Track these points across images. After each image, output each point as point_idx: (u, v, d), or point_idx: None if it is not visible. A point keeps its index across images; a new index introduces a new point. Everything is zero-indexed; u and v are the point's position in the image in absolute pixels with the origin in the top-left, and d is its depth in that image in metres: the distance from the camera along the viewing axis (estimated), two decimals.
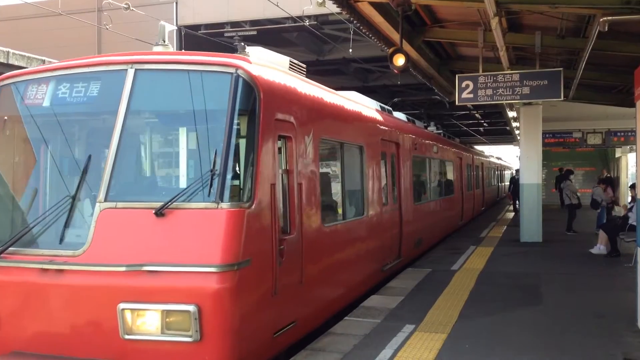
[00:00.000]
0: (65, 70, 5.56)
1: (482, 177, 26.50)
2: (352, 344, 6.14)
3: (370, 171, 8.96)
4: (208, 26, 17.96)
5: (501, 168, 41.64)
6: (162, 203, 4.86)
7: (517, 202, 22.17)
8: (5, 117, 5.75)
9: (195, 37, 18.05)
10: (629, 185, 19.51)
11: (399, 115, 12.75)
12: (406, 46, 10.29)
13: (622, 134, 23.77)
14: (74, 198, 5.21)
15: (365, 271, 8.73)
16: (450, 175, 17.51)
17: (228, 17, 15.92)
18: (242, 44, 6.08)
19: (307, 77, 7.75)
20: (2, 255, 5.08)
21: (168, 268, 4.75)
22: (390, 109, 11.87)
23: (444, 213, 15.95)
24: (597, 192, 15.63)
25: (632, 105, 7.65)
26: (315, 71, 17.73)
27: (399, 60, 9.06)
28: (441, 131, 19.28)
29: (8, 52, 12.87)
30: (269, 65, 6.08)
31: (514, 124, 23.62)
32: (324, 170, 7.99)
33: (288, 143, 6.06)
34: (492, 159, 35.31)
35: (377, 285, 9.23)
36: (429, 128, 17.39)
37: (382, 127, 9.93)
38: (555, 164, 26.34)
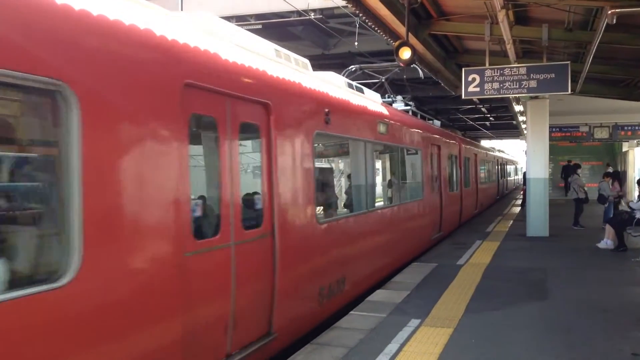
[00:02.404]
0: None
1: (475, 173, 21.76)
2: (357, 339, 6.13)
3: (134, 159, 3.89)
4: None
5: (503, 162, 35.97)
6: None
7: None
8: None
9: None
10: (636, 180, 19.42)
11: (332, 77, 8.58)
12: (412, 39, 10.27)
13: (630, 128, 23.68)
14: None
15: None
16: (417, 170, 12.52)
17: (233, 10, 15.87)
18: None
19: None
20: None
21: None
22: (308, 61, 7.56)
23: (402, 227, 10.80)
24: (603, 187, 15.55)
25: None
26: (320, 65, 17.69)
27: (405, 54, 9.05)
28: (410, 108, 13.96)
29: None
30: None
31: (521, 118, 23.51)
32: None
33: None
34: (490, 152, 30.51)
35: None
36: (395, 104, 13.31)
37: (184, 60, 4.49)
38: (561, 158, 26.37)
